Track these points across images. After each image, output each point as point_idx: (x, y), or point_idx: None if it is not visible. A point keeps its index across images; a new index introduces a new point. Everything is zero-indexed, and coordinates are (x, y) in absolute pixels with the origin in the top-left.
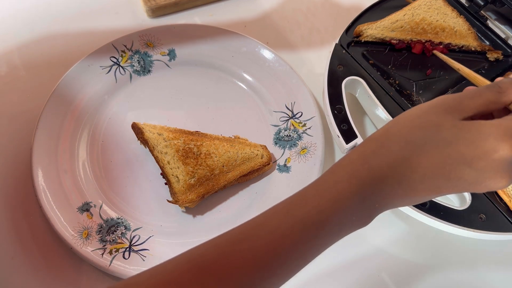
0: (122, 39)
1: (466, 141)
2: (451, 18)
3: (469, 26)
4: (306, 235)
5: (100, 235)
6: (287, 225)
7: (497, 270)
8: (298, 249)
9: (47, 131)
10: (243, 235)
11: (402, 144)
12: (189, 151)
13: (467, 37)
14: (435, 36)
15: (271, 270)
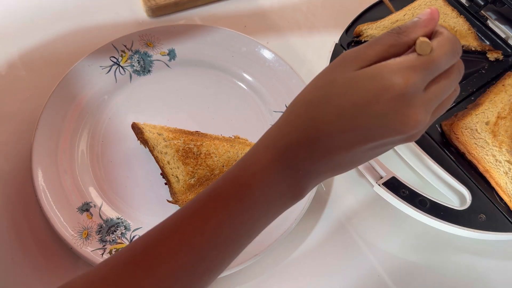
0: (122, 39)
1: (358, 89)
2: (451, 18)
3: (469, 26)
4: (231, 211)
5: (100, 235)
6: (210, 205)
7: (497, 270)
8: (225, 227)
9: (47, 131)
10: (169, 222)
11: (304, 106)
12: (189, 151)
13: (467, 37)
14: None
15: (201, 253)
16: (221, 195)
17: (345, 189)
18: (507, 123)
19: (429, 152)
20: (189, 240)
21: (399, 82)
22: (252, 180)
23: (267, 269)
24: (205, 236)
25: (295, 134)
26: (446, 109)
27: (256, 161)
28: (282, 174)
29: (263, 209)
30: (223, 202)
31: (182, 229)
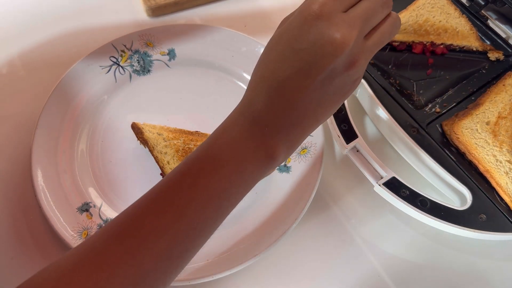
0: (122, 38)
1: (288, 30)
2: (453, 18)
3: (471, 26)
4: (204, 171)
5: None
6: (185, 168)
7: (497, 270)
8: (200, 185)
9: (46, 131)
10: (144, 200)
11: (256, 67)
12: (189, 151)
13: (469, 37)
14: (437, 37)
15: (180, 211)
16: (197, 159)
17: (345, 189)
18: (508, 123)
19: (429, 152)
20: (168, 201)
21: (315, 7)
22: (222, 143)
23: (267, 269)
24: (183, 196)
25: (255, 96)
26: (387, 36)
27: (225, 127)
28: (248, 134)
29: (237, 169)
30: (198, 165)
31: (162, 193)
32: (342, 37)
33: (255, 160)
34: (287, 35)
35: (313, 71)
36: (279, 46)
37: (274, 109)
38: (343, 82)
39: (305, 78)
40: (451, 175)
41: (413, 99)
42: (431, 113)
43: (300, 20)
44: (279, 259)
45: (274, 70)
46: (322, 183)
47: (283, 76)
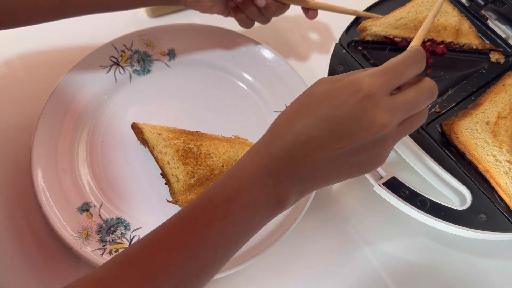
0: (122, 38)
1: (333, 95)
2: (452, 17)
3: (470, 25)
4: (219, 214)
5: (100, 235)
6: (200, 207)
7: (497, 270)
8: (214, 229)
9: (46, 131)
10: (164, 225)
11: (285, 117)
12: (189, 151)
13: (468, 35)
14: (437, 34)
15: (192, 252)
16: (211, 200)
17: (345, 189)
18: (508, 123)
19: (429, 152)
20: (181, 240)
21: (366, 85)
22: (238, 186)
23: (267, 269)
24: (196, 237)
25: (278, 143)
26: (414, 127)
27: (242, 168)
28: (266, 180)
29: (249, 214)
30: (212, 206)
31: (175, 231)
32: (383, 121)
33: (267, 206)
34: (329, 100)
35: (344, 139)
36: (317, 106)
37: (296, 162)
38: (366, 158)
39: (335, 142)
40: (451, 175)
41: None
42: (431, 113)
43: (348, 90)
44: (279, 259)
45: (307, 126)
46: None
47: (314, 134)
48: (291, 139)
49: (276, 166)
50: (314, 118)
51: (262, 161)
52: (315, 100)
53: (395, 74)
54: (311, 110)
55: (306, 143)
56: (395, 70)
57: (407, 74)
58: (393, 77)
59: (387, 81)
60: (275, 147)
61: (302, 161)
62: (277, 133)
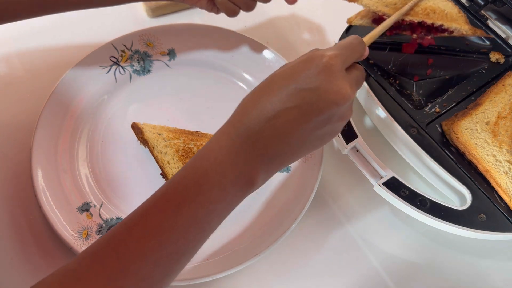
0: (122, 38)
1: (294, 69)
2: (441, 1)
3: (459, 10)
4: (189, 195)
5: (100, 235)
6: (171, 190)
7: (497, 270)
8: (184, 209)
9: (46, 131)
10: (135, 212)
11: (250, 95)
12: (189, 151)
13: (457, 20)
14: (426, 17)
15: (165, 235)
16: (181, 182)
17: (345, 189)
18: (507, 123)
19: (429, 152)
20: (153, 224)
21: (326, 58)
22: (207, 166)
23: (267, 269)
24: (168, 219)
25: (244, 121)
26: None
27: (211, 149)
28: (234, 159)
29: (219, 194)
30: (182, 187)
31: (147, 215)
32: (346, 92)
33: (237, 185)
34: (293, 73)
35: (311, 111)
36: (282, 82)
37: (263, 139)
38: (330, 130)
39: (301, 115)
40: (451, 175)
41: (413, 99)
42: (431, 113)
43: (310, 64)
44: (279, 259)
45: (273, 101)
46: (322, 183)
47: (281, 107)
48: (257, 116)
49: (244, 144)
50: (279, 93)
51: (230, 140)
52: (279, 77)
53: (349, 50)
54: (275, 87)
55: (273, 119)
56: (349, 48)
57: (356, 54)
58: (349, 53)
59: (344, 55)
60: (242, 125)
61: (269, 138)
62: (243, 112)
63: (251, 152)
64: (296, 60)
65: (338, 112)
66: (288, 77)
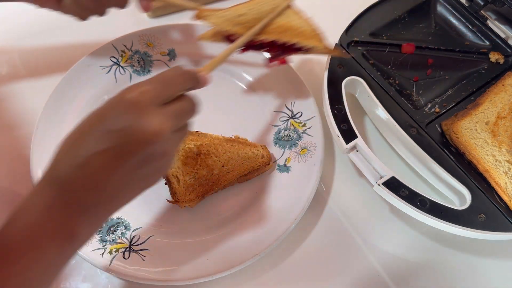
0: (122, 38)
1: (100, 109)
2: (296, 19)
3: (314, 28)
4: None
5: (100, 235)
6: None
7: (497, 269)
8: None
9: (47, 131)
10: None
11: (61, 143)
12: (189, 151)
13: (312, 38)
14: (280, 35)
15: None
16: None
17: (345, 189)
18: (507, 123)
19: (429, 152)
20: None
21: (133, 94)
22: (16, 236)
23: (267, 269)
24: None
25: (57, 170)
26: (184, 136)
27: (21, 209)
28: (48, 214)
29: (34, 258)
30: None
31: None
32: (157, 128)
33: (54, 245)
34: (101, 115)
35: (123, 153)
36: (91, 124)
37: (78, 187)
38: (153, 169)
39: (113, 159)
40: (451, 175)
41: (413, 99)
42: (431, 113)
43: (117, 103)
44: (279, 259)
45: (83, 146)
46: (322, 183)
47: (91, 152)
48: (69, 164)
49: (58, 196)
50: (89, 137)
51: (43, 193)
52: (88, 120)
53: (162, 85)
54: (85, 131)
55: (85, 165)
56: (162, 81)
57: (175, 86)
58: (161, 88)
59: (155, 90)
60: (54, 176)
61: (84, 186)
62: (56, 161)
63: (66, 204)
64: (106, 101)
65: (154, 149)
66: (96, 119)
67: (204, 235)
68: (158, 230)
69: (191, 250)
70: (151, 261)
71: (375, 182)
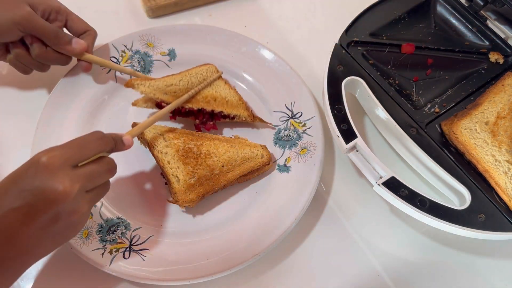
0: (122, 39)
1: (17, 170)
2: (223, 89)
3: (239, 97)
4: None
5: (100, 235)
6: None
7: (497, 269)
8: None
9: (47, 131)
10: None
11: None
12: (189, 151)
13: (238, 107)
14: (207, 104)
15: None
16: None
17: (345, 189)
18: (507, 123)
19: (428, 152)
20: None
21: (44, 158)
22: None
23: (267, 269)
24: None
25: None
26: (100, 196)
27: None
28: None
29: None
30: None
31: None
32: (64, 189)
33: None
34: (17, 176)
35: (33, 212)
36: (9, 181)
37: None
38: (65, 226)
39: (24, 216)
40: (450, 175)
41: (413, 99)
42: (430, 113)
43: (30, 165)
44: (279, 259)
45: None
46: (321, 183)
47: (5, 208)
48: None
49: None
50: (4, 197)
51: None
52: (6, 180)
53: (75, 148)
54: (2, 190)
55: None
56: (76, 145)
57: (89, 150)
58: (74, 152)
59: (67, 154)
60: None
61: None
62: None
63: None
64: (23, 163)
65: (63, 208)
66: (13, 179)
67: (204, 235)
68: (158, 230)
69: (191, 250)
70: (151, 261)
71: (375, 182)
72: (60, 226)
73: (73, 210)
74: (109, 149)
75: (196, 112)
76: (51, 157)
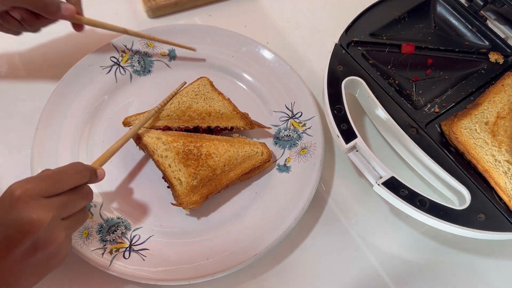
0: (122, 39)
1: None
2: (217, 102)
3: (234, 107)
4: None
5: (101, 234)
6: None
7: (496, 269)
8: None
9: (47, 131)
10: None
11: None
12: (189, 153)
13: (233, 118)
14: (202, 121)
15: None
16: None
17: (345, 189)
18: (507, 123)
19: (428, 152)
20: None
21: (18, 190)
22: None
23: (267, 269)
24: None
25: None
26: (79, 223)
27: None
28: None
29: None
30: None
31: None
32: (37, 218)
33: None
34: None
35: (10, 244)
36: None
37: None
38: (45, 256)
39: (1, 250)
40: (450, 174)
41: (412, 99)
42: (430, 113)
43: (3, 198)
44: (279, 259)
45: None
46: (321, 183)
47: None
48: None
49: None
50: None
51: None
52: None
53: (51, 181)
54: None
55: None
56: (52, 179)
57: (65, 184)
58: (48, 185)
59: (41, 186)
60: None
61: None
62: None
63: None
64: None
65: (38, 237)
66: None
67: (204, 235)
68: (158, 230)
69: (191, 250)
70: (151, 261)
71: (375, 182)
72: (40, 256)
73: (49, 238)
74: (84, 182)
75: (193, 130)
76: (25, 190)
